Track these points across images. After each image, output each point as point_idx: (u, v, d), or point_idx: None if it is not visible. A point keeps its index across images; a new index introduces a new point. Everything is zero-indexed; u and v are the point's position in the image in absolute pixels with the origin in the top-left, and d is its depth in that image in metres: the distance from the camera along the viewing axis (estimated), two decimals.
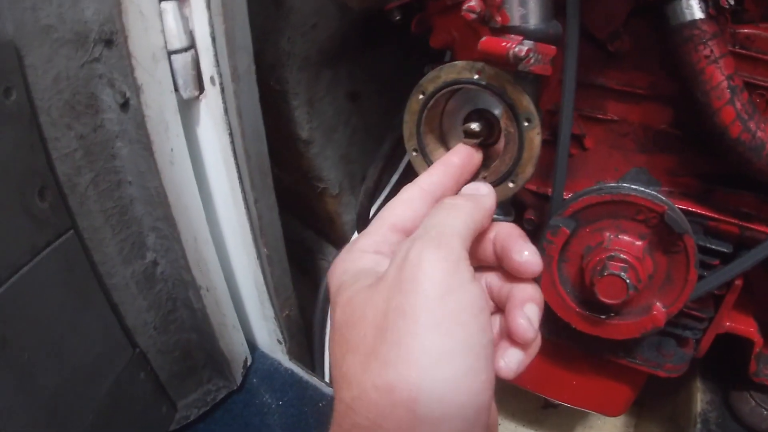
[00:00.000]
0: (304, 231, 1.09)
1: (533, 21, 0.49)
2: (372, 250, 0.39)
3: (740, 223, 0.62)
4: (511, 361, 0.38)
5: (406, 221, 0.40)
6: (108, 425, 0.69)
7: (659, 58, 0.60)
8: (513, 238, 0.40)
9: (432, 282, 0.33)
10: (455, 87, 0.51)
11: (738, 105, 0.55)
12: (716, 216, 0.63)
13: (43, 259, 0.62)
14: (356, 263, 0.38)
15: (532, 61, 0.47)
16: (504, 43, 0.46)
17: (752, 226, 0.62)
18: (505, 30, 0.48)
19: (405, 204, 0.41)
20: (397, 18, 0.67)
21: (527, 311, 0.38)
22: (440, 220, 0.38)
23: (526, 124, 0.49)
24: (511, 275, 0.41)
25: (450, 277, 0.33)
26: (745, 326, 0.71)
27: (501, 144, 0.52)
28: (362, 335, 0.33)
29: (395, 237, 0.40)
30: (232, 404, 0.84)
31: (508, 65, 0.47)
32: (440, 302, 0.32)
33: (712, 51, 0.54)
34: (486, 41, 0.48)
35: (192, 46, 0.66)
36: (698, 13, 0.53)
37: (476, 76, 0.49)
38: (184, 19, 0.65)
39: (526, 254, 0.39)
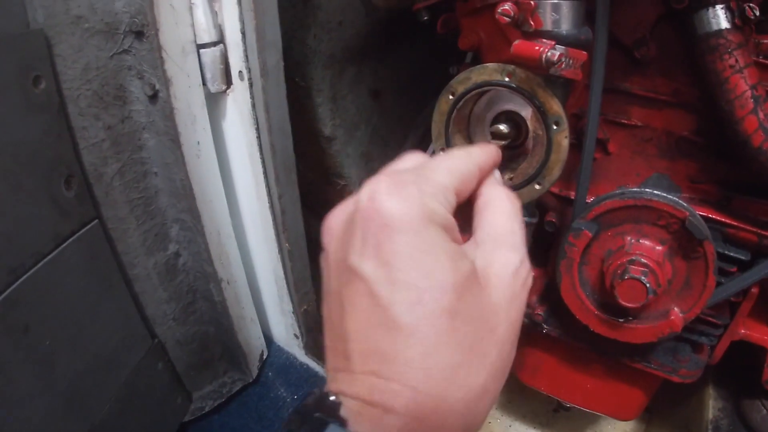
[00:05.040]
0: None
1: (565, 26, 0.50)
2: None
3: (759, 231, 0.62)
4: None
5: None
6: (124, 414, 0.70)
7: (684, 66, 0.61)
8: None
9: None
10: (485, 89, 0.51)
11: (761, 115, 0.55)
12: (735, 223, 0.63)
13: (66, 247, 0.62)
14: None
15: (563, 65, 0.47)
16: (537, 47, 0.47)
17: None
18: (537, 34, 0.49)
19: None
20: (425, 18, 0.68)
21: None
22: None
23: (554, 127, 0.50)
24: None
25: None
26: (760, 334, 0.71)
27: (528, 146, 0.53)
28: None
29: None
30: (246, 397, 0.85)
31: (539, 69, 0.47)
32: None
33: (737, 60, 0.54)
34: (519, 45, 0.48)
35: (221, 40, 0.66)
36: (724, 23, 0.54)
37: (507, 79, 0.50)
38: (214, 14, 0.65)
39: None
